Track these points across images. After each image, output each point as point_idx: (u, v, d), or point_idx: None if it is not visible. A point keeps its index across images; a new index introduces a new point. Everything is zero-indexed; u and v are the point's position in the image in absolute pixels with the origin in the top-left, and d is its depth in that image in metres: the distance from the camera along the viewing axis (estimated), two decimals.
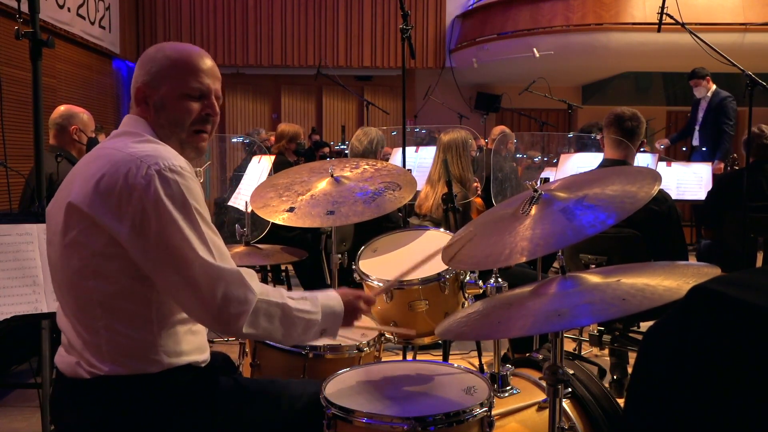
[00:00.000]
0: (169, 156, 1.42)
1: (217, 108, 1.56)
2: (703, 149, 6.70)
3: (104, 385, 1.42)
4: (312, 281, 4.32)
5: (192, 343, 1.51)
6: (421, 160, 4.63)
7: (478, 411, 1.47)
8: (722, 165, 6.22)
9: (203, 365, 1.55)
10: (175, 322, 1.47)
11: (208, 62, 1.55)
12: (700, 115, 6.71)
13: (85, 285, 1.40)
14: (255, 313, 1.42)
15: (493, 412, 1.53)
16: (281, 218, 2.19)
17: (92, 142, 3.62)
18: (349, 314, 1.62)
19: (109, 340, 1.41)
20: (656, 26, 3.77)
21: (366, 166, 2.45)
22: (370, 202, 2.19)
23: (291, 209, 2.19)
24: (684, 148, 7.11)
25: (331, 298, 1.60)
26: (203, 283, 1.37)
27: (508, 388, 1.78)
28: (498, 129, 6.10)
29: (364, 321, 2.13)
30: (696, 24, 6.63)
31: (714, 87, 6.59)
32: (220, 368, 1.66)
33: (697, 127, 6.76)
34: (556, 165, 4.39)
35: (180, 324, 1.48)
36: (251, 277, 1.44)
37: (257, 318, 1.43)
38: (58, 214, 1.45)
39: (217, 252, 1.41)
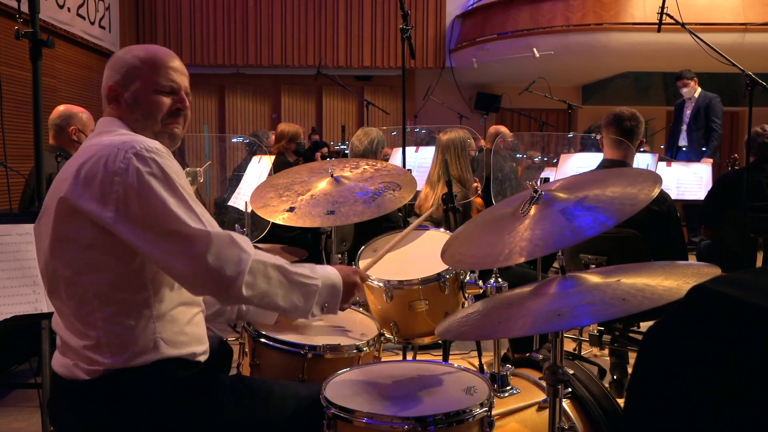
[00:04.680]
0: (144, 139, 1.46)
1: (187, 102, 1.62)
2: (686, 149, 6.76)
3: (103, 384, 1.42)
4: None
5: (191, 334, 1.52)
6: (421, 160, 4.64)
7: (478, 411, 1.47)
8: (711, 160, 6.30)
9: (202, 359, 1.55)
10: (173, 311, 1.49)
11: (176, 61, 1.62)
12: (687, 113, 6.81)
13: (80, 279, 1.42)
14: (252, 273, 1.43)
15: (493, 412, 1.53)
16: (281, 218, 2.18)
17: None
18: (348, 289, 1.67)
19: (107, 331, 1.42)
20: (656, 26, 3.77)
21: (366, 166, 2.45)
22: (370, 202, 2.19)
23: (291, 209, 2.19)
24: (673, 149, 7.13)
25: (329, 270, 1.65)
26: (195, 249, 1.38)
27: (508, 388, 1.78)
28: (492, 129, 6.10)
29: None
30: (696, 24, 6.64)
31: (699, 88, 6.71)
32: (217, 356, 1.66)
33: (683, 127, 6.86)
34: (556, 165, 4.39)
35: (178, 313, 1.50)
36: (243, 240, 1.46)
37: (255, 278, 1.44)
38: (49, 214, 1.46)
39: (204, 218, 1.43)
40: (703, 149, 6.69)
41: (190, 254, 1.38)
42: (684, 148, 6.85)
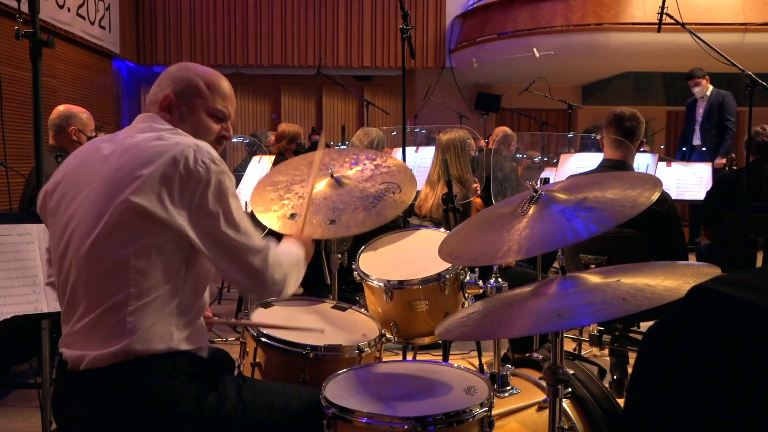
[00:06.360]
0: (212, 149, 1.52)
1: (231, 132, 1.71)
2: (703, 149, 6.70)
3: (110, 373, 1.42)
4: (312, 281, 4.31)
5: (198, 329, 1.54)
6: (421, 160, 4.63)
7: (478, 411, 1.48)
8: (724, 160, 6.25)
9: (204, 355, 1.56)
10: (192, 302, 1.51)
11: (230, 89, 1.70)
12: (699, 112, 6.73)
13: (126, 264, 1.41)
14: (289, 276, 1.63)
15: (493, 412, 1.53)
16: (283, 224, 2.17)
17: None
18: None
19: (136, 312, 1.42)
20: (656, 26, 3.77)
21: (366, 161, 2.44)
22: (370, 209, 2.19)
23: (292, 215, 2.19)
24: (684, 148, 7.09)
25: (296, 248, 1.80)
26: (254, 264, 1.51)
27: (508, 388, 1.78)
28: (500, 129, 6.10)
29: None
30: (696, 24, 6.64)
31: (711, 86, 6.63)
32: (220, 364, 1.67)
33: (697, 127, 6.77)
34: (556, 165, 4.39)
35: (194, 304, 1.52)
36: (275, 249, 1.60)
37: (290, 279, 1.63)
38: (97, 211, 1.44)
39: (256, 232, 1.56)
40: (703, 149, 6.63)
41: (249, 268, 1.52)
42: (702, 148, 6.76)
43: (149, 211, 1.40)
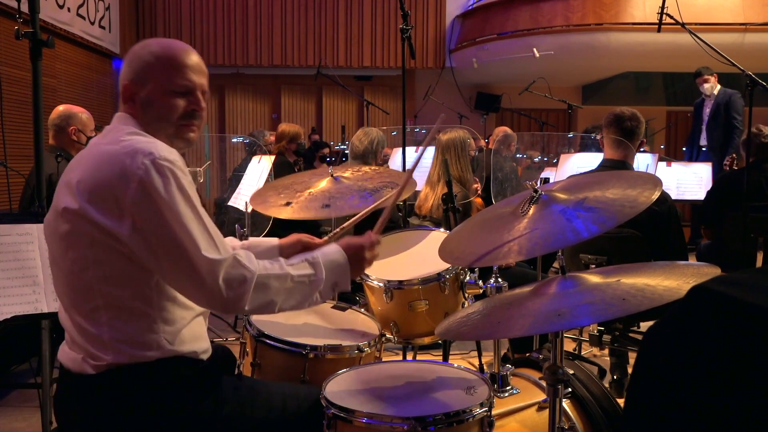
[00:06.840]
0: (162, 148, 1.42)
1: (202, 103, 1.56)
2: (703, 149, 6.68)
3: (109, 378, 1.42)
4: None
5: (193, 331, 1.53)
6: (421, 160, 4.63)
7: (478, 411, 1.47)
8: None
9: (205, 357, 1.55)
10: (175, 309, 1.48)
11: (194, 58, 1.55)
12: (706, 112, 6.69)
13: (85, 275, 1.41)
14: (256, 290, 1.45)
15: (493, 412, 1.53)
16: (278, 212, 2.18)
17: None
18: (356, 264, 1.65)
19: (111, 327, 1.41)
20: (656, 26, 3.77)
21: (367, 170, 2.45)
22: (367, 198, 2.18)
23: (288, 203, 2.19)
24: (685, 149, 7.08)
25: (333, 252, 1.62)
26: (204, 272, 1.38)
27: (508, 388, 1.78)
28: (500, 129, 6.10)
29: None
30: (696, 24, 6.63)
31: (719, 85, 6.59)
32: (220, 362, 1.66)
33: (704, 126, 6.72)
34: (556, 165, 4.39)
35: (181, 313, 1.49)
36: (248, 258, 1.46)
37: (258, 293, 1.45)
38: (56, 217, 1.46)
39: (216, 239, 1.43)
40: (723, 148, 6.45)
41: (197, 278, 1.39)
42: (704, 148, 6.71)
43: (92, 218, 1.37)
